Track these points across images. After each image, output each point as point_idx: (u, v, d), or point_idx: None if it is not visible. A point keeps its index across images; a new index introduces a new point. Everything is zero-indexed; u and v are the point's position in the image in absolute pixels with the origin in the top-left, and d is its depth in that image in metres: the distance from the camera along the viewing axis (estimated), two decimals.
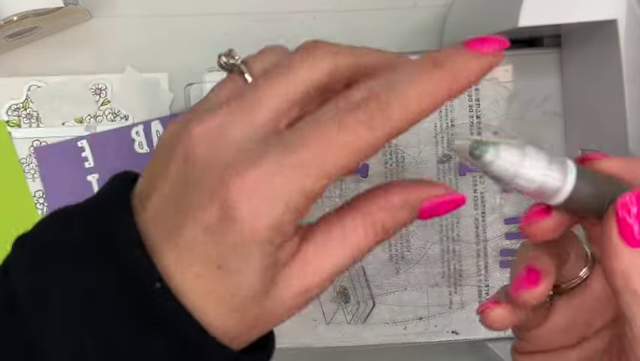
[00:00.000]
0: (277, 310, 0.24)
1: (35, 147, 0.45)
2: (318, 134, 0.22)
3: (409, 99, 0.23)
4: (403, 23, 0.46)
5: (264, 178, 0.22)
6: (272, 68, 0.26)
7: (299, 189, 0.22)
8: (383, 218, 0.25)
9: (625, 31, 0.33)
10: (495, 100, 0.41)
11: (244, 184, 0.22)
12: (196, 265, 0.23)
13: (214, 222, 0.22)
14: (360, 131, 0.22)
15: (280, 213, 0.22)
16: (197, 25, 0.46)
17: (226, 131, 0.23)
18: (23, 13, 0.39)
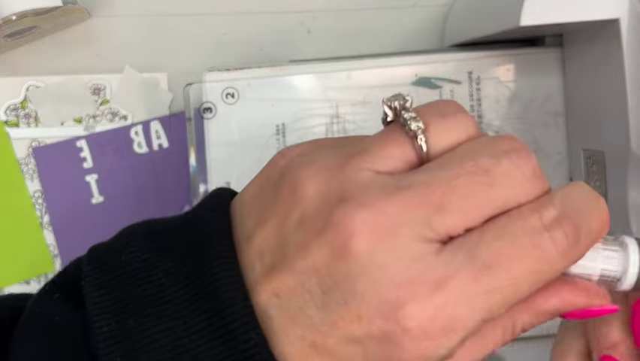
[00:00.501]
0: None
1: (34, 147, 0.45)
2: (519, 254, 0.19)
3: (593, 231, 0.20)
4: (403, 23, 0.46)
5: (449, 302, 0.19)
6: (463, 168, 0.20)
7: (481, 317, 0.19)
8: (525, 320, 0.21)
9: (627, 30, 0.33)
10: (496, 100, 0.41)
11: (425, 310, 0.18)
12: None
13: (370, 338, 0.18)
14: (556, 259, 0.20)
15: (457, 341, 0.19)
16: (196, 25, 0.46)
17: (401, 232, 0.19)
18: (22, 13, 0.39)
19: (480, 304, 0.19)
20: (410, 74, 0.41)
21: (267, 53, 0.46)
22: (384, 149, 0.21)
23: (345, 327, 0.19)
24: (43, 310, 0.22)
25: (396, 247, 0.19)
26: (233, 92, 0.41)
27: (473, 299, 0.19)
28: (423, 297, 0.18)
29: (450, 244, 0.19)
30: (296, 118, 0.41)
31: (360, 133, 0.41)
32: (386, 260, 0.18)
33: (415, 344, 0.18)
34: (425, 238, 0.19)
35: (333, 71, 0.41)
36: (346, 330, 0.19)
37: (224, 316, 0.19)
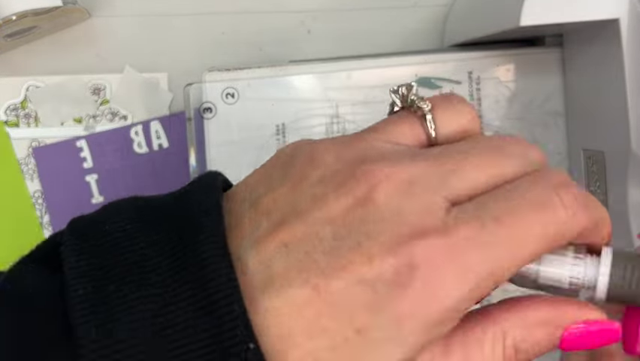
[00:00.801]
0: None
1: (34, 147, 0.45)
2: (528, 209, 0.20)
3: (602, 212, 0.22)
4: (403, 23, 0.46)
5: (458, 247, 0.19)
6: (477, 142, 0.22)
7: (491, 270, 0.19)
8: (515, 332, 0.21)
9: (627, 30, 0.33)
10: (496, 100, 0.41)
11: (434, 249, 0.19)
12: (328, 317, 0.19)
13: (380, 279, 0.19)
14: (564, 221, 0.20)
15: (466, 291, 0.19)
16: (196, 25, 0.46)
17: (419, 187, 0.20)
18: (22, 13, 0.39)
19: (486, 253, 0.19)
20: (410, 74, 0.41)
21: (267, 53, 0.46)
22: (397, 127, 0.22)
23: (355, 270, 0.19)
24: (14, 283, 0.21)
25: (414, 199, 0.20)
26: (233, 92, 0.41)
27: (480, 248, 0.19)
28: (433, 240, 0.19)
29: (463, 204, 0.20)
30: (296, 118, 0.41)
31: None
32: (403, 208, 0.19)
33: (423, 286, 0.19)
34: (440, 195, 0.20)
35: (333, 71, 0.41)
36: (356, 273, 0.19)
37: (207, 288, 0.19)
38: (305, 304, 0.19)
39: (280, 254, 0.19)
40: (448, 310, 0.19)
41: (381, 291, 0.19)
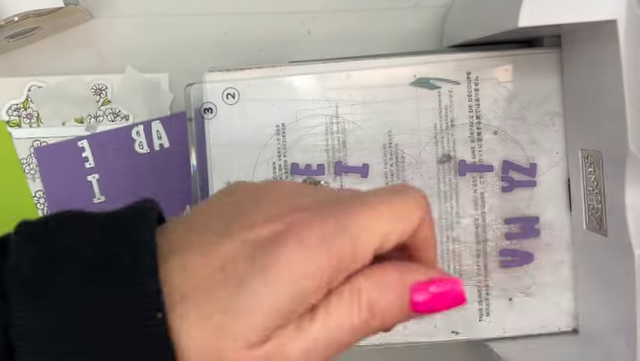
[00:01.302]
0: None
1: (36, 147, 0.45)
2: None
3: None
4: (402, 23, 0.46)
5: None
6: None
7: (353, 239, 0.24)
8: (369, 290, 0.24)
9: (625, 31, 0.33)
10: (495, 100, 0.41)
11: (305, 219, 0.24)
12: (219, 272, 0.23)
13: (259, 239, 0.23)
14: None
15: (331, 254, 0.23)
16: (197, 26, 0.46)
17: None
18: (24, 14, 0.39)
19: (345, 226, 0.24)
20: (409, 75, 0.41)
21: (268, 54, 0.46)
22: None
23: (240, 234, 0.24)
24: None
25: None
26: (234, 92, 0.42)
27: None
28: (304, 213, 0.24)
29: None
30: (296, 118, 0.42)
31: (358, 133, 0.42)
32: (284, 196, 0.26)
33: (296, 245, 0.23)
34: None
35: (333, 72, 0.41)
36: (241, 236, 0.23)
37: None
38: (199, 266, 0.23)
39: (183, 232, 0.24)
40: (316, 270, 0.23)
41: (259, 249, 0.23)
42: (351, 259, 0.24)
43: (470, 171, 0.41)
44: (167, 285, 0.22)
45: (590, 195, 0.38)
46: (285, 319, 0.23)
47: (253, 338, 0.22)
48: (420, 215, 0.25)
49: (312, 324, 0.23)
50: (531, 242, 0.42)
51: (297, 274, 0.23)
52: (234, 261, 0.23)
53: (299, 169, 0.42)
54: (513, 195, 0.41)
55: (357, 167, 0.42)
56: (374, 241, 0.24)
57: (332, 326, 0.24)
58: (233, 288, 0.22)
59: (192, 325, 0.22)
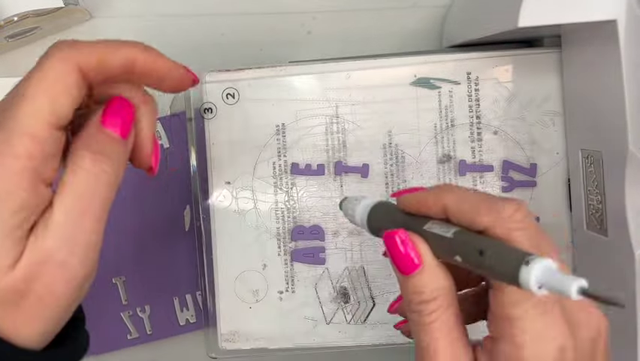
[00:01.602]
0: (31, 294, 0.25)
1: None
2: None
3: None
4: (402, 23, 0.46)
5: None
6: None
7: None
8: (87, 150, 0.26)
9: (625, 31, 0.33)
10: (495, 100, 0.41)
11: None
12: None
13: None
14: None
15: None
16: (197, 26, 0.46)
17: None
18: (24, 14, 0.39)
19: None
20: (409, 75, 0.41)
21: (267, 54, 0.46)
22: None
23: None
24: None
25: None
26: (234, 92, 0.42)
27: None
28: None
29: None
30: (296, 118, 0.42)
31: (358, 133, 0.42)
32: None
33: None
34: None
35: (332, 72, 0.41)
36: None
37: None
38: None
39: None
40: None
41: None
42: (36, 147, 0.25)
43: (470, 171, 0.41)
44: None
45: (590, 195, 0.38)
46: (25, 220, 0.25)
47: (6, 261, 0.24)
48: (74, 75, 0.26)
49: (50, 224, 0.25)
50: None
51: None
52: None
53: (299, 169, 0.42)
54: (513, 195, 0.41)
55: (357, 167, 0.42)
56: (38, 121, 0.25)
57: (80, 193, 0.26)
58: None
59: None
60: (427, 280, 0.28)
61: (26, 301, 0.25)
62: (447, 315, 0.27)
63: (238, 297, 0.42)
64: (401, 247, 0.28)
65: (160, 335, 0.47)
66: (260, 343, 0.43)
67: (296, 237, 0.42)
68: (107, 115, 0.27)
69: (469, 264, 0.26)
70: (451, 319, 0.27)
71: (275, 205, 0.42)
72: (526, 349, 0.25)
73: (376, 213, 0.31)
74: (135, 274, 0.46)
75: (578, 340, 0.26)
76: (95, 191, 0.26)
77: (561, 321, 0.26)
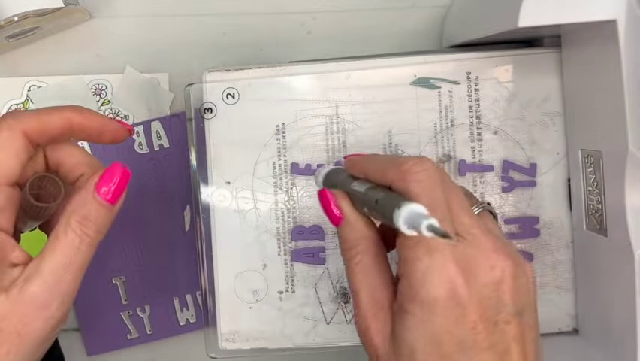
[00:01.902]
0: (18, 333, 0.29)
1: None
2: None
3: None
4: (401, 23, 0.46)
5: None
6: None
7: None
8: (72, 215, 0.31)
9: (625, 31, 0.33)
10: (495, 100, 0.41)
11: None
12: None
13: None
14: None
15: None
16: (197, 26, 0.46)
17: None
18: (24, 14, 0.39)
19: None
20: (409, 75, 0.41)
21: (267, 54, 0.46)
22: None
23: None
24: None
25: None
26: (234, 92, 0.42)
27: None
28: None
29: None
30: (296, 118, 0.42)
31: (358, 133, 0.42)
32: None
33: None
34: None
35: (332, 72, 0.41)
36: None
37: None
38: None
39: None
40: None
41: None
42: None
43: (470, 171, 0.41)
44: None
45: (590, 195, 0.38)
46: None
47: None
48: (19, 140, 0.30)
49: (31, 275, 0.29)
50: (531, 242, 0.42)
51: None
52: None
53: (299, 169, 0.42)
54: (513, 195, 0.41)
55: None
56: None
57: (59, 261, 0.30)
58: None
59: None
60: (348, 230, 0.32)
61: (2, 333, 0.29)
62: (364, 261, 0.32)
63: (238, 297, 0.42)
64: (329, 201, 0.33)
65: (160, 335, 0.47)
66: (260, 343, 0.43)
67: (296, 237, 0.42)
68: (102, 181, 0.32)
69: (370, 212, 0.31)
70: (369, 262, 0.32)
71: (275, 205, 0.42)
72: (415, 286, 0.28)
73: (329, 176, 0.35)
74: (135, 274, 0.46)
75: (472, 283, 0.28)
76: (78, 250, 0.30)
77: (450, 263, 0.28)
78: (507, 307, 0.28)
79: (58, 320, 0.30)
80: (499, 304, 0.28)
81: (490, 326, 0.28)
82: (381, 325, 0.30)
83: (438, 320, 0.28)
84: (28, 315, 0.29)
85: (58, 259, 0.30)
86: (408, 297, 0.29)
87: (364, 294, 0.31)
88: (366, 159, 0.33)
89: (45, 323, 0.30)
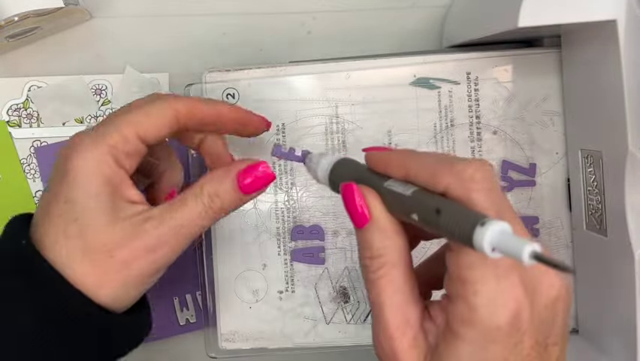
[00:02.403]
0: (119, 251, 0.30)
1: (36, 147, 0.45)
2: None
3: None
4: (401, 23, 0.46)
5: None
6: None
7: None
8: (209, 187, 0.33)
9: (624, 31, 0.33)
10: (494, 100, 0.41)
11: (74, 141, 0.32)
12: (55, 208, 0.31)
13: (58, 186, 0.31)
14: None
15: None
16: (197, 26, 0.46)
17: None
18: (24, 14, 0.39)
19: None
20: (409, 75, 0.41)
21: (267, 54, 0.46)
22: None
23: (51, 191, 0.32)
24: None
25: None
26: (234, 92, 0.42)
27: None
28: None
29: None
30: (296, 118, 0.42)
31: (358, 133, 0.42)
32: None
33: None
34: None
35: (332, 72, 0.42)
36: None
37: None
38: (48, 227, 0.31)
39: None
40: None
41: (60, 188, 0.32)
42: (123, 142, 0.32)
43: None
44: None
45: (590, 195, 0.38)
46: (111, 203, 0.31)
47: (103, 219, 0.31)
48: (170, 113, 0.33)
49: (151, 222, 0.31)
50: None
51: (89, 171, 0.31)
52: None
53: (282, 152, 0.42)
54: (513, 195, 0.41)
55: None
56: (131, 128, 0.32)
57: (179, 218, 0.32)
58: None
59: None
60: (375, 235, 0.28)
61: (112, 261, 0.31)
62: (393, 273, 0.28)
63: (238, 297, 0.42)
64: (356, 199, 0.29)
65: (160, 335, 0.47)
66: (260, 343, 0.43)
67: (296, 237, 0.42)
68: (246, 172, 0.33)
69: (425, 223, 0.26)
70: (400, 276, 0.28)
71: (275, 205, 0.42)
72: (478, 311, 0.25)
73: (339, 169, 0.32)
74: None
75: (536, 306, 0.26)
76: (198, 217, 0.32)
77: (517, 286, 0.25)
78: (557, 329, 0.27)
79: (155, 270, 0.32)
80: (552, 325, 0.27)
81: (541, 350, 0.26)
82: (410, 346, 0.27)
83: (494, 348, 0.25)
84: (137, 250, 0.31)
85: (180, 216, 0.32)
86: (464, 321, 0.25)
87: (391, 310, 0.28)
88: (406, 156, 0.28)
89: (148, 266, 0.31)
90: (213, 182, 0.33)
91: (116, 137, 0.32)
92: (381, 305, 0.28)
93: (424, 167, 0.27)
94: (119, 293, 0.31)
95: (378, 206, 0.28)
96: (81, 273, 0.30)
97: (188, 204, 0.32)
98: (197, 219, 0.32)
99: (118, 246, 0.31)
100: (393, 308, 0.28)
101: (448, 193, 0.26)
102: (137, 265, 0.31)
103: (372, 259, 0.28)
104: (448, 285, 0.27)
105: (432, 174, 0.27)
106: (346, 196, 0.29)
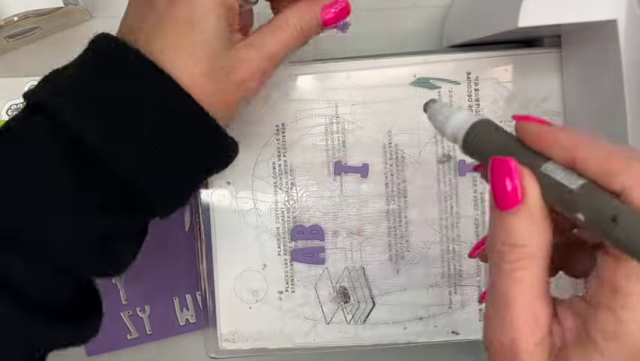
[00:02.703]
0: (236, 72, 0.32)
1: None
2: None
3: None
4: (402, 23, 0.46)
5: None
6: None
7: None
8: (294, 19, 0.35)
9: (625, 31, 0.33)
10: (495, 100, 0.41)
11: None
12: (171, 28, 0.32)
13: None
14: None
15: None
16: None
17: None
18: (24, 14, 0.39)
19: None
20: (409, 75, 0.41)
21: None
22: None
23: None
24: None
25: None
26: None
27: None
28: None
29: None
30: (296, 118, 0.42)
31: (358, 133, 0.42)
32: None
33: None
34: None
35: (332, 71, 0.42)
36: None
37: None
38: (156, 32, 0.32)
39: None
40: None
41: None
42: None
43: (470, 171, 0.41)
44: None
45: None
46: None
47: (222, 45, 0.32)
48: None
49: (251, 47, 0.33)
50: None
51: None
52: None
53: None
54: None
55: (357, 167, 0.42)
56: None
57: (272, 46, 0.34)
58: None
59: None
60: (524, 223, 0.25)
61: (229, 81, 0.32)
62: (533, 267, 0.25)
63: (238, 297, 0.42)
64: (509, 178, 0.25)
65: (160, 335, 0.47)
66: (260, 343, 0.43)
67: (296, 237, 0.42)
68: (329, 5, 0.36)
69: (594, 227, 0.23)
70: (535, 271, 0.25)
71: (275, 205, 0.42)
72: (627, 327, 0.23)
73: (481, 133, 0.27)
74: (135, 274, 0.46)
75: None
76: (288, 44, 0.34)
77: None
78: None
79: (242, 95, 0.34)
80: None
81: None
82: (537, 344, 0.25)
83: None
84: (247, 73, 0.33)
85: (274, 43, 0.34)
86: (607, 333, 0.23)
87: (523, 306, 0.25)
88: (576, 139, 0.24)
89: (248, 92, 0.34)
90: (299, 13, 0.35)
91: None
92: (512, 299, 0.25)
93: (596, 156, 0.23)
94: (230, 115, 0.34)
95: (536, 192, 0.25)
96: (202, 92, 0.31)
97: (284, 30, 0.34)
98: (285, 48, 0.34)
99: (234, 69, 0.33)
100: (525, 304, 0.25)
101: (624, 195, 0.22)
102: (244, 87, 0.33)
103: (512, 247, 0.25)
104: (594, 289, 0.24)
105: (605, 167, 0.23)
106: (498, 172, 0.25)
